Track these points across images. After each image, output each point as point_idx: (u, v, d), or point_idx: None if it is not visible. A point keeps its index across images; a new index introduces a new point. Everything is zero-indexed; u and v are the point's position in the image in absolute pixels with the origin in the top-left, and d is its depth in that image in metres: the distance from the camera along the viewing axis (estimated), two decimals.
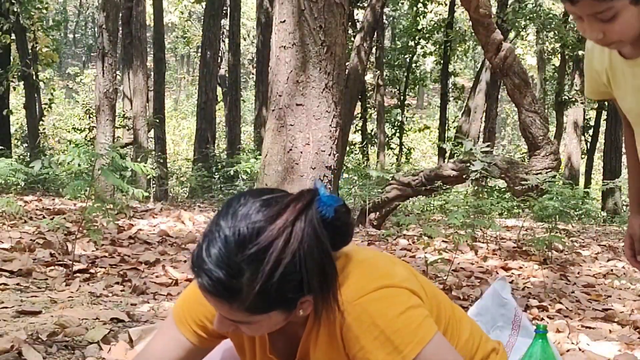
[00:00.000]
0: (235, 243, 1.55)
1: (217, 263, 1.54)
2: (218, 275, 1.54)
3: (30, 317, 3.65)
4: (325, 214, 1.63)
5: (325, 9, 4.98)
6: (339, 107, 5.17)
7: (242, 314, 1.61)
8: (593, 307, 4.94)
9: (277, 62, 5.10)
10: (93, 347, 3.31)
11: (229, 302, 1.58)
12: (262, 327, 1.67)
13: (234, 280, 1.54)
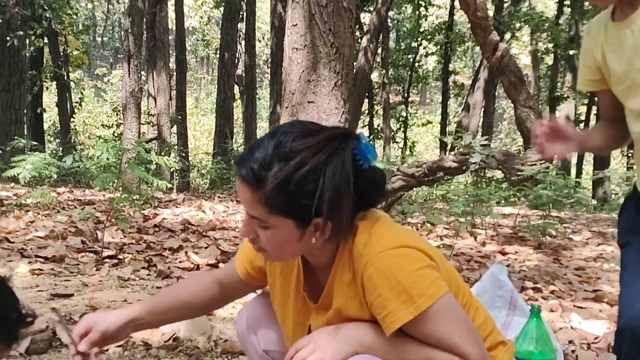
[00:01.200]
0: (274, 145, 1.65)
1: (255, 158, 1.65)
2: (252, 166, 1.63)
3: (64, 300, 3.68)
4: (359, 156, 1.70)
5: (334, 13, 4.97)
6: (348, 104, 5.16)
7: (261, 208, 1.65)
8: (584, 289, 4.94)
9: (289, 63, 5.10)
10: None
11: (253, 190, 1.64)
12: (276, 236, 1.69)
13: (263, 171, 1.62)
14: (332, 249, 1.77)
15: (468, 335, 1.69)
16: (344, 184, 1.65)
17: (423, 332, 1.68)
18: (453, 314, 1.69)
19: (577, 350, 3.42)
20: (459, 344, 1.67)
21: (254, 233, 1.72)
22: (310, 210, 1.65)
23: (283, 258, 1.82)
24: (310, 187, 1.63)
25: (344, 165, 1.66)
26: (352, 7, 5.17)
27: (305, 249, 1.76)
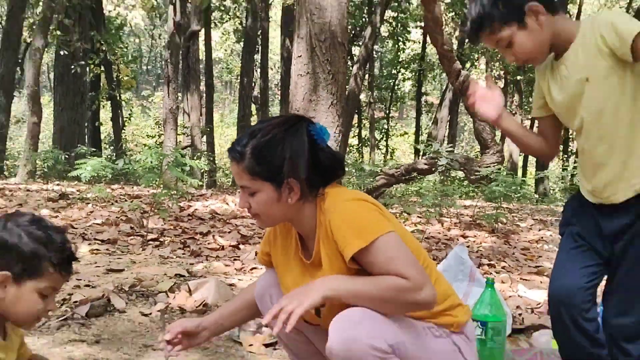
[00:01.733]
0: (249, 131, 1.80)
1: (237, 141, 1.78)
2: (235, 147, 1.76)
3: (116, 274, 3.68)
4: (315, 135, 1.78)
5: (331, 47, 4.97)
6: (341, 119, 5.17)
7: (246, 176, 1.75)
8: (528, 265, 4.96)
9: (295, 86, 5.10)
10: (162, 295, 3.34)
11: (238, 163, 1.75)
12: (261, 199, 1.76)
13: (242, 147, 1.74)
14: (311, 214, 1.80)
15: (410, 264, 1.67)
16: (300, 148, 1.73)
17: (373, 261, 1.67)
18: (396, 247, 1.68)
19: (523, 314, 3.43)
20: (402, 270, 1.64)
21: (247, 203, 1.78)
22: (282, 173, 1.72)
23: (273, 222, 1.86)
24: (277, 151, 1.72)
25: (299, 135, 1.75)
26: (344, 42, 5.17)
27: (287, 212, 1.79)
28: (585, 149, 1.91)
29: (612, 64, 1.76)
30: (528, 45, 1.83)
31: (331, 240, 1.71)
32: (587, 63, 1.80)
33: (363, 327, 1.62)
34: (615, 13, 1.75)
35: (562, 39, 1.85)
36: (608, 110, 1.80)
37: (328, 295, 1.63)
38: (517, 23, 1.80)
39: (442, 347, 1.76)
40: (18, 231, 1.54)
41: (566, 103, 1.91)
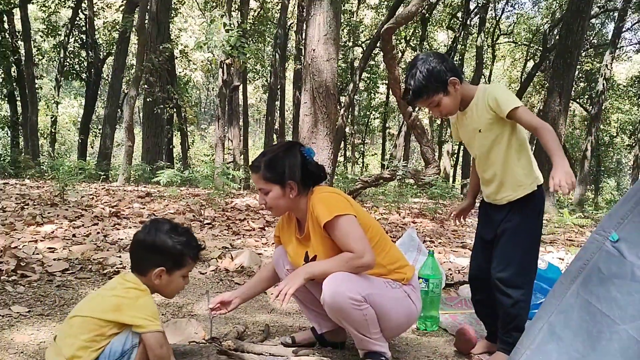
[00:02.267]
0: (263, 152, 1.84)
1: (256, 160, 1.79)
2: (255, 163, 1.78)
3: None
4: (305, 153, 1.81)
5: (326, 96, 4.99)
6: (333, 144, 5.18)
7: (262, 181, 1.76)
8: (456, 241, 4.95)
9: (302, 122, 5.11)
10: (213, 261, 3.33)
11: (256, 172, 1.77)
12: (271, 197, 1.77)
13: (259, 162, 1.77)
14: (304, 204, 1.81)
15: (357, 239, 1.68)
16: (294, 160, 1.77)
17: (335, 233, 1.70)
18: (350, 227, 1.69)
19: (453, 274, 3.43)
20: (351, 244, 1.67)
21: (264, 200, 1.79)
22: (284, 178, 1.75)
23: (281, 211, 1.85)
24: (280, 163, 1.76)
25: (294, 153, 1.79)
26: (335, 93, 5.19)
27: (290, 204, 1.80)
28: (480, 171, 1.97)
29: (495, 121, 1.81)
30: (450, 105, 1.84)
31: (313, 217, 1.74)
32: (480, 119, 1.84)
33: (344, 284, 1.64)
34: (500, 89, 1.82)
35: (466, 98, 1.87)
36: (492, 150, 1.86)
37: (307, 277, 1.66)
38: (443, 92, 1.81)
39: (397, 295, 1.77)
40: (165, 237, 1.54)
41: (466, 141, 1.97)
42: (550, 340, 1.43)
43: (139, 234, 1.57)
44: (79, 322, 1.44)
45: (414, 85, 1.80)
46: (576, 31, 9.13)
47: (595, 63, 19.10)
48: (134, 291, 1.50)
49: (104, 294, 1.51)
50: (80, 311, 1.47)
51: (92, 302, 1.50)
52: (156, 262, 1.53)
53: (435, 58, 1.81)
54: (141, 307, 1.47)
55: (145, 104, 12.18)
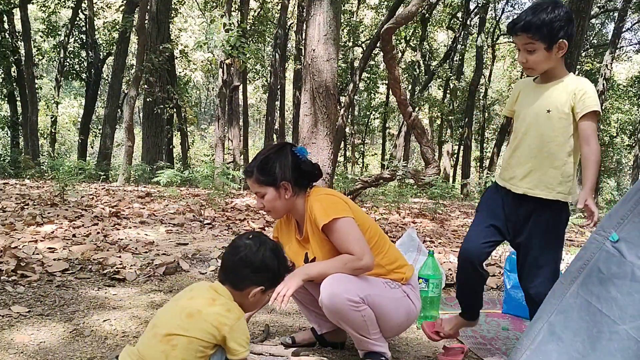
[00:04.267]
0: (255, 156, 1.80)
1: (249, 165, 1.79)
2: (248, 168, 1.78)
3: (183, 246, 3.67)
4: (297, 153, 1.80)
5: (326, 97, 4.99)
6: (333, 144, 5.18)
7: (257, 185, 1.76)
8: (456, 241, 4.94)
9: (302, 122, 5.11)
10: (213, 261, 3.33)
11: (250, 177, 1.76)
12: (267, 200, 1.77)
13: (252, 167, 1.76)
14: (301, 205, 1.81)
15: (355, 242, 1.67)
16: (284, 161, 1.76)
17: (333, 235, 1.69)
18: (349, 229, 1.69)
19: (453, 274, 3.43)
20: (349, 246, 1.67)
21: (261, 204, 1.78)
22: (276, 179, 1.74)
23: (280, 213, 1.84)
24: (271, 165, 1.75)
25: (284, 154, 1.77)
26: (335, 93, 5.19)
27: (287, 205, 1.79)
28: (519, 153, 1.78)
29: (568, 112, 1.71)
30: (541, 62, 1.69)
31: (312, 219, 1.74)
32: (557, 102, 1.72)
33: (341, 286, 1.64)
34: (592, 87, 1.72)
35: (554, 73, 1.75)
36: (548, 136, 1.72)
37: (304, 278, 1.66)
38: (546, 46, 1.67)
39: (396, 295, 1.77)
40: (271, 257, 1.47)
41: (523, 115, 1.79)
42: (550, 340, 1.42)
43: (246, 251, 1.46)
44: (184, 344, 1.31)
45: (534, 17, 1.65)
46: (576, 31, 9.14)
47: (595, 63, 19.11)
48: (235, 312, 1.40)
49: (201, 308, 1.37)
50: (177, 328, 1.33)
51: (191, 319, 1.35)
52: (258, 281, 1.46)
53: (568, 14, 1.68)
54: (242, 331, 1.38)
55: (145, 104, 12.17)
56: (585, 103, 1.66)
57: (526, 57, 1.70)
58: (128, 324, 2.12)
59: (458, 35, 18.56)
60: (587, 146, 1.67)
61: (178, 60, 17.64)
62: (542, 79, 1.78)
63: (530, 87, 1.81)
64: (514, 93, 1.87)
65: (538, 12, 1.67)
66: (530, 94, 1.79)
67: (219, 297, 1.41)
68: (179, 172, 7.64)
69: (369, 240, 1.75)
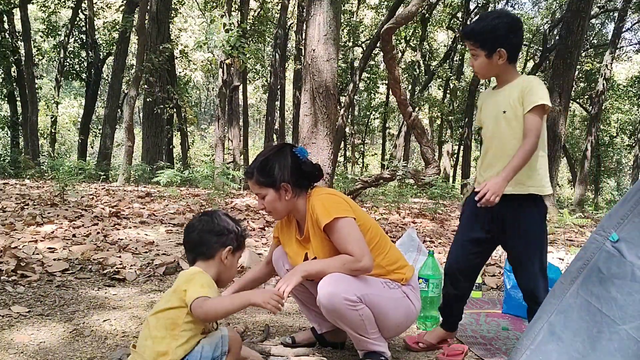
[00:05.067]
0: (255, 158, 1.80)
1: (249, 166, 1.78)
2: (248, 170, 1.78)
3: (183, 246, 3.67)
4: (298, 153, 1.79)
5: (326, 97, 4.99)
6: (333, 144, 5.18)
7: (257, 186, 1.76)
8: None
9: (302, 122, 5.11)
10: None
11: (251, 179, 1.76)
12: (269, 200, 1.76)
13: (252, 169, 1.76)
14: (303, 205, 1.80)
15: (355, 243, 1.67)
16: (284, 162, 1.76)
17: (333, 235, 1.69)
18: (350, 229, 1.69)
19: None
20: (349, 247, 1.66)
21: (262, 205, 1.78)
22: (276, 180, 1.74)
23: (281, 214, 1.83)
24: (271, 166, 1.75)
25: (284, 155, 1.77)
26: (335, 93, 5.19)
27: (288, 206, 1.79)
28: (490, 155, 1.87)
29: (521, 108, 1.76)
30: (483, 68, 1.80)
31: (313, 219, 1.73)
32: (510, 102, 1.78)
33: (339, 285, 1.64)
34: (539, 82, 1.78)
35: (505, 78, 1.83)
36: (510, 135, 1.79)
37: (303, 275, 1.66)
38: (486, 53, 1.76)
39: (395, 295, 1.77)
40: (228, 219, 1.60)
41: (487, 121, 1.88)
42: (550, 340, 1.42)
43: (203, 224, 1.57)
44: (153, 321, 1.43)
45: (476, 26, 1.77)
46: (576, 31, 9.12)
47: (595, 63, 19.10)
48: (192, 272, 1.50)
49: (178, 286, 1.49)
50: (152, 313, 1.47)
51: (160, 301, 1.50)
52: (224, 242, 1.57)
53: (511, 24, 1.75)
54: (199, 279, 1.47)
55: (145, 104, 12.17)
56: (531, 98, 1.73)
57: (472, 62, 1.81)
58: (128, 324, 2.12)
59: (458, 35, 18.56)
60: (525, 139, 1.73)
61: (178, 60, 17.65)
62: (497, 86, 1.87)
63: (490, 95, 1.90)
64: (479, 105, 1.96)
65: (481, 21, 1.78)
66: (489, 102, 1.88)
67: (184, 273, 1.51)
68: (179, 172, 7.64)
69: (370, 240, 1.75)
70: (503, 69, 1.80)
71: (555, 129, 9.17)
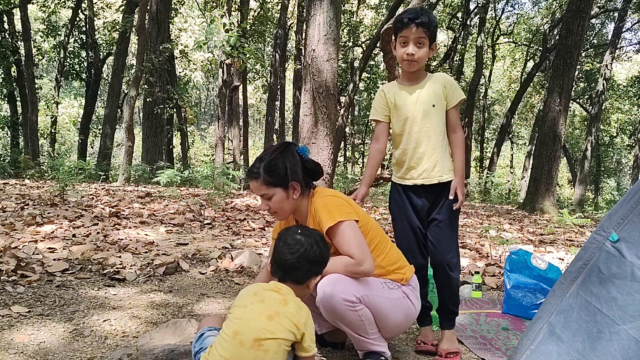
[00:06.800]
0: (259, 157, 1.76)
1: (253, 166, 1.74)
2: (253, 170, 1.73)
3: (183, 246, 3.67)
4: (300, 152, 1.79)
5: (326, 97, 4.98)
6: (333, 144, 5.17)
7: (263, 186, 1.72)
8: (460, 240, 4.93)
9: (302, 122, 5.11)
10: (213, 261, 3.33)
11: (257, 179, 1.72)
12: (276, 200, 1.74)
13: (258, 169, 1.71)
14: (305, 205, 1.80)
15: (358, 246, 1.67)
16: (294, 160, 1.75)
17: (336, 238, 1.69)
18: (352, 233, 1.69)
19: None
20: (351, 250, 1.66)
21: (267, 205, 1.76)
22: (286, 179, 1.72)
23: (286, 214, 1.81)
24: (280, 165, 1.72)
25: (291, 153, 1.75)
26: (335, 93, 5.18)
27: (293, 206, 1.78)
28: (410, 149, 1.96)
29: (444, 102, 1.93)
30: (423, 57, 1.88)
31: (316, 220, 1.73)
32: (435, 94, 1.91)
33: (338, 286, 1.64)
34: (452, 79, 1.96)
35: (421, 73, 1.95)
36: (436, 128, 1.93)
37: None
38: (430, 43, 1.89)
39: (394, 296, 1.77)
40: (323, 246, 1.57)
41: (408, 115, 1.94)
42: (550, 340, 1.42)
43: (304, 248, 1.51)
44: (274, 346, 1.33)
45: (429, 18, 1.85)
46: (576, 31, 9.12)
47: (595, 63, 19.10)
48: (305, 308, 1.44)
49: (278, 310, 1.39)
50: (264, 332, 1.34)
51: (272, 321, 1.36)
52: (316, 271, 1.56)
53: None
54: (312, 326, 1.44)
55: (145, 104, 12.17)
56: (455, 94, 1.92)
57: (415, 51, 1.86)
58: (128, 324, 2.12)
59: (458, 35, 18.55)
60: (456, 133, 1.93)
61: (178, 60, 17.64)
62: (410, 81, 1.95)
63: (403, 89, 1.96)
64: (382, 100, 2.00)
65: (428, 14, 1.86)
66: (408, 96, 1.94)
67: (286, 296, 1.44)
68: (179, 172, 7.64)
69: (371, 241, 1.75)
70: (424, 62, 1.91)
71: (555, 129, 9.17)
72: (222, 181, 6.63)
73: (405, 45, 1.87)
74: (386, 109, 1.99)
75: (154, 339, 1.84)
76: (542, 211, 8.98)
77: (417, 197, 1.95)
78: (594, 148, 17.51)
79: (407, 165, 1.96)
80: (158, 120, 12.10)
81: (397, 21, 1.89)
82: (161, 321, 2.18)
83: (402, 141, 1.96)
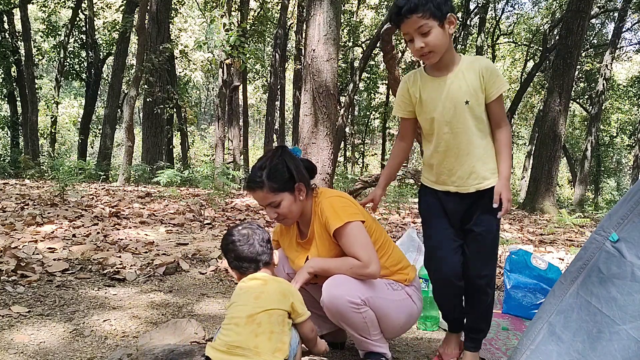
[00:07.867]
0: (258, 166, 1.72)
1: (253, 174, 1.70)
2: (256, 180, 1.69)
3: (183, 246, 3.67)
4: (295, 154, 1.77)
5: (326, 97, 4.98)
6: (333, 144, 5.17)
7: (269, 194, 1.69)
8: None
9: (302, 122, 5.11)
10: (213, 261, 3.32)
11: (261, 189, 1.68)
12: (284, 205, 1.71)
13: (260, 178, 1.68)
14: (309, 206, 1.79)
15: (364, 248, 1.66)
16: (296, 162, 1.74)
17: (343, 239, 1.68)
18: (359, 234, 1.68)
19: None
20: (358, 252, 1.66)
21: (275, 213, 1.73)
22: (290, 182, 1.70)
23: (295, 218, 1.78)
24: (283, 169, 1.70)
25: (290, 154, 1.74)
26: (335, 93, 5.19)
27: (301, 207, 1.76)
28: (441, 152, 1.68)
29: (482, 95, 1.61)
30: (438, 42, 1.53)
31: (322, 221, 1.73)
32: (469, 88, 1.60)
33: (343, 287, 1.64)
34: (492, 63, 1.60)
35: (450, 57, 1.61)
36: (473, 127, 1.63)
37: (310, 271, 1.68)
38: (439, 22, 1.52)
39: (398, 297, 1.77)
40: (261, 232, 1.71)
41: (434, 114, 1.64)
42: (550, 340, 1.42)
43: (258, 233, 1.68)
44: (266, 317, 1.46)
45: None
46: (576, 31, 9.12)
47: (595, 63, 19.10)
48: (285, 281, 1.63)
49: (262, 289, 1.54)
50: (254, 309, 1.48)
51: (259, 299, 1.51)
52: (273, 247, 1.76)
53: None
54: (299, 294, 1.60)
55: (145, 104, 12.17)
56: (496, 84, 1.59)
57: (424, 41, 1.52)
58: (128, 324, 2.12)
59: (458, 35, 18.54)
60: (500, 129, 1.61)
61: (178, 60, 17.64)
62: (440, 70, 1.62)
63: (430, 81, 1.64)
64: (405, 94, 1.70)
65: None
66: (436, 89, 1.62)
67: (263, 278, 1.60)
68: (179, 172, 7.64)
69: (375, 241, 1.75)
70: (451, 43, 1.56)
71: (555, 129, 9.17)
72: (222, 181, 6.63)
73: (411, 41, 1.55)
74: (410, 104, 1.70)
75: (154, 339, 1.84)
76: (542, 211, 8.99)
77: (451, 201, 1.70)
78: (594, 148, 17.50)
79: (436, 170, 1.70)
80: (158, 120, 12.10)
81: (390, 19, 1.59)
82: (161, 321, 2.18)
83: (431, 141, 1.68)
